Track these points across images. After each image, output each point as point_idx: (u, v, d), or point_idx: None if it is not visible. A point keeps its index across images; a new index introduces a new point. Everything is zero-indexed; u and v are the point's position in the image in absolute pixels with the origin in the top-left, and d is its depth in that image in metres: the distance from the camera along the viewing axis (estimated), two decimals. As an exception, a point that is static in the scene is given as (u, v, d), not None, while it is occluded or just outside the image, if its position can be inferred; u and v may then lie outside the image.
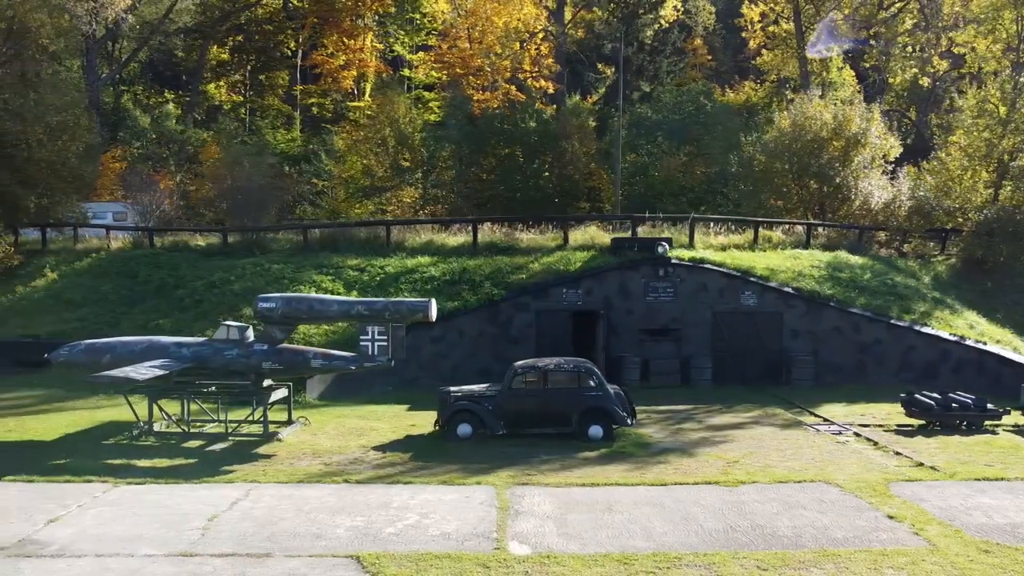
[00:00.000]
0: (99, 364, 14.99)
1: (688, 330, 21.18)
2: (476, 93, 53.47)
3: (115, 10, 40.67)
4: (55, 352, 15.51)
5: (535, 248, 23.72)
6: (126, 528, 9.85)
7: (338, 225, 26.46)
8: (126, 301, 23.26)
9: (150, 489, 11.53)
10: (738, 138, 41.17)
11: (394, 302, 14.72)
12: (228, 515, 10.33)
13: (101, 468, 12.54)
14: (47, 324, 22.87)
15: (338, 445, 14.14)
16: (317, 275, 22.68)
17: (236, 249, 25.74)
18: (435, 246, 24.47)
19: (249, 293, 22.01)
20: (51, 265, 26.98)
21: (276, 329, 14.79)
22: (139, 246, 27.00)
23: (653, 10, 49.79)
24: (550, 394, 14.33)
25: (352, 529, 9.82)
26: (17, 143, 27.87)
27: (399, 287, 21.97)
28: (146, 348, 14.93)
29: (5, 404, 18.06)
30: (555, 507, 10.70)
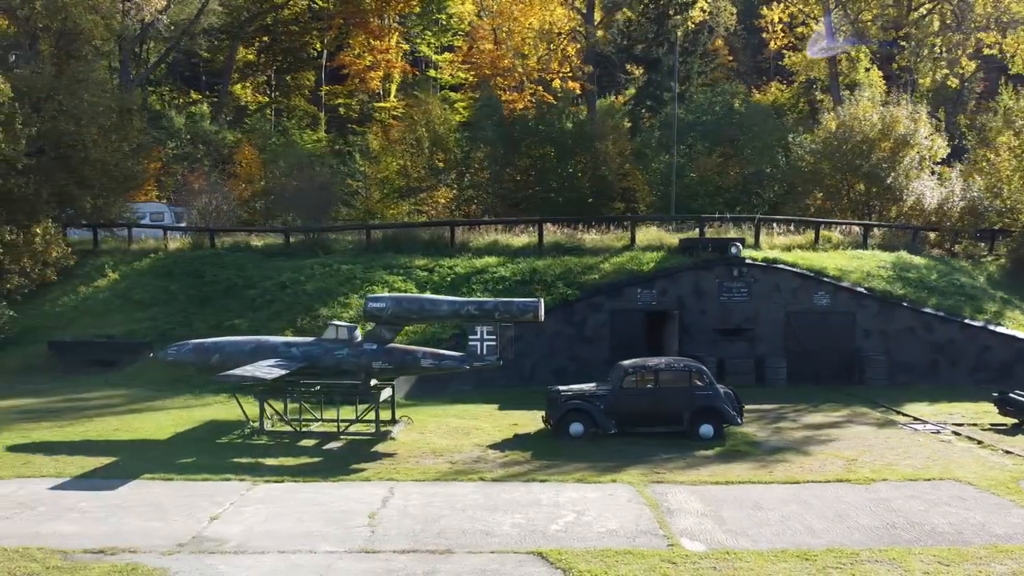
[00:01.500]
0: (208, 363, 15.10)
1: (761, 330, 21.31)
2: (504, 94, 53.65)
3: (150, 10, 40.78)
4: (163, 351, 15.60)
5: (601, 248, 23.83)
6: (292, 525, 9.94)
7: (401, 226, 26.54)
8: (195, 301, 23.34)
9: (292, 487, 11.61)
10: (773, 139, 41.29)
11: (504, 302, 14.82)
12: (386, 512, 10.43)
13: (231, 467, 12.63)
14: (118, 324, 22.96)
15: (453, 444, 14.23)
16: (388, 275, 22.78)
17: (297, 250, 25.84)
18: (500, 246, 24.57)
19: (322, 293, 22.17)
20: (110, 265, 27.08)
21: (385, 329, 14.88)
22: (199, 246, 27.08)
23: (684, 11, 49.94)
24: (661, 393, 14.45)
25: (517, 526, 9.92)
26: (73, 144, 27.95)
27: (471, 287, 22.07)
28: (255, 348, 15.02)
29: (95, 403, 18.14)
30: (704, 505, 10.81)
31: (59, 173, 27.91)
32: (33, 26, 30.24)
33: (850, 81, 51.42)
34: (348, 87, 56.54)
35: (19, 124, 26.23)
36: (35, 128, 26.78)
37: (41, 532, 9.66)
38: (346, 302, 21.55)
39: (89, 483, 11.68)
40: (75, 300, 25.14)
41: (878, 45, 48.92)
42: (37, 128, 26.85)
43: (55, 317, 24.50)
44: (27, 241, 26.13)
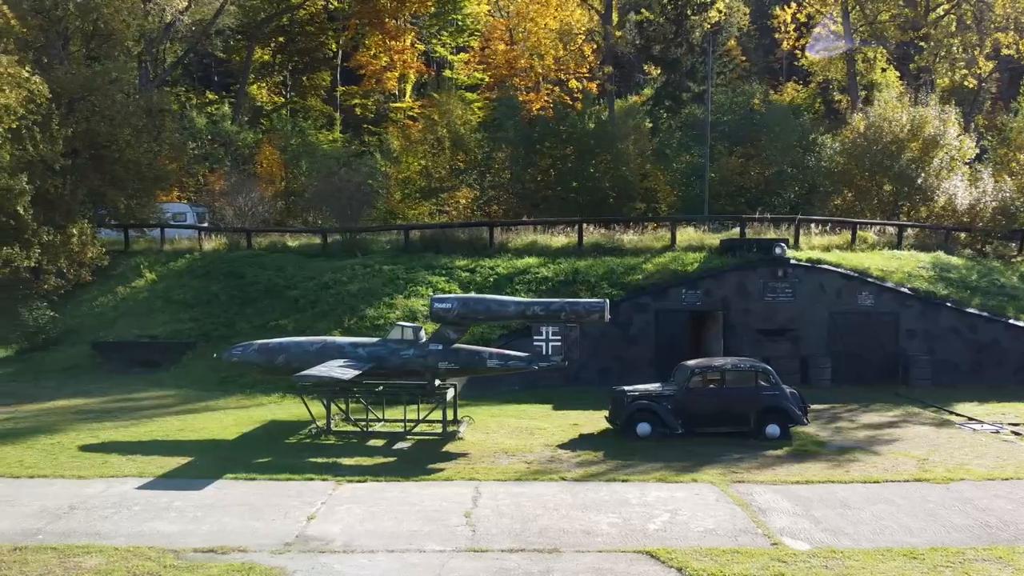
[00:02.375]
0: (274, 364, 15.16)
1: (805, 330, 21.37)
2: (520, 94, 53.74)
3: (172, 11, 40.87)
4: (227, 352, 15.65)
5: (642, 249, 23.91)
6: (392, 525, 10.00)
7: (439, 226, 26.60)
8: (237, 301, 23.39)
9: (378, 487, 11.67)
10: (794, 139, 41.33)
11: (570, 303, 14.88)
12: (480, 512, 10.49)
13: (309, 467, 12.69)
14: (160, 324, 23.01)
15: (522, 444, 14.29)
16: (430, 276, 22.84)
17: (335, 250, 25.89)
18: (539, 247, 24.64)
19: (366, 294, 22.23)
20: (145, 265, 27.14)
21: (450, 329, 14.94)
22: (235, 247, 27.13)
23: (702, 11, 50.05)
24: (728, 394, 14.52)
25: (614, 525, 9.99)
26: (107, 144, 28.01)
27: (514, 287, 22.14)
28: (321, 348, 15.07)
29: (148, 404, 18.19)
30: (792, 504, 10.89)
31: (93, 174, 27.99)
32: (65, 27, 30.27)
33: (867, 81, 51.54)
34: (364, 87, 56.61)
35: (55, 125, 26.32)
36: (71, 129, 26.85)
37: (144, 531, 9.72)
38: (391, 303, 21.61)
39: (175, 483, 11.73)
40: (114, 300, 25.20)
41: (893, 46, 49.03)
42: (72, 129, 26.91)
43: (95, 317, 24.57)
44: (64, 242, 26.20)
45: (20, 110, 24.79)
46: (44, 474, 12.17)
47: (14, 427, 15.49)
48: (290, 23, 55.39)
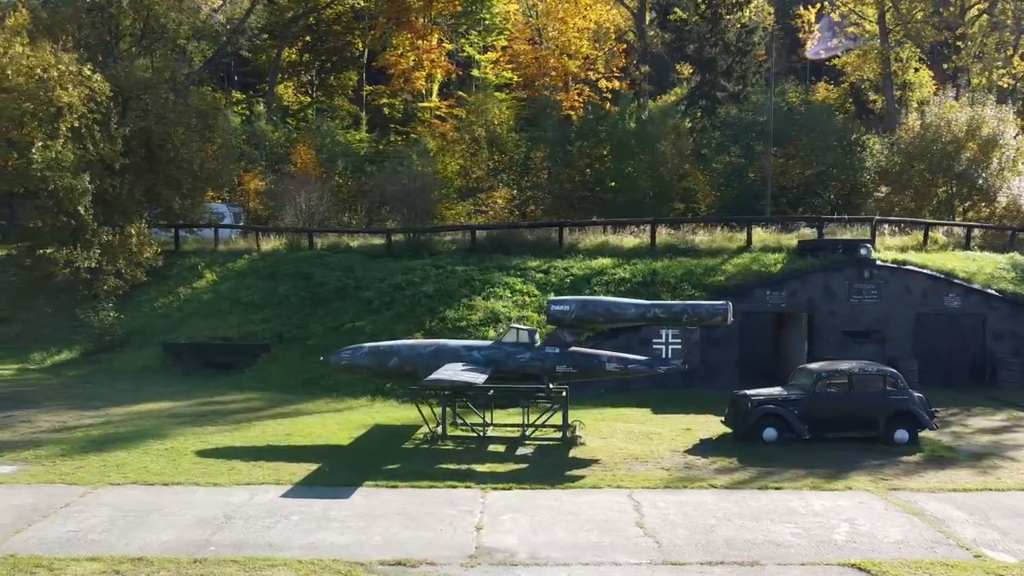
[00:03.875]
0: (385, 367, 14.83)
1: (891, 332, 21.05)
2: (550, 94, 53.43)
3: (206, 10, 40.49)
4: (335, 355, 15.28)
5: (717, 249, 23.58)
6: (567, 535, 9.66)
7: (506, 226, 26.20)
8: (307, 303, 23.04)
9: (527, 495, 11.32)
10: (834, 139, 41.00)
11: (692, 305, 14.57)
12: (650, 521, 10.15)
13: (444, 473, 12.34)
14: (231, 326, 22.68)
15: (646, 449, 13.96)
16: (505, 277, 22.50)
17: (400, 251, 25.55)
18: (610, 247, 24.30)
19: (443, 295, 21.89)
20: (203, 265, 26.82)
21: (567, 332, 14.61)
22: (296, 247, 26.77)
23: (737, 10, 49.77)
24: (856, 398, 14.20)
25: (798, 536, 9.66)
26: (162, 143, 27.67)
27: (592, 288, 21.79)
28: (435, 351, 14.74)
29: (237, 407, 17.85)
30: (965, 513, 10.57)
31: (147, 173, 27.66)
32: (116, 24, 29.93)
33: (901, 81, 51.28)
34: (392, 87, 56.27)
35: (114, 124, 25.99)
36: (128, 128, 26.51)
37: (316, 542, 9.37)
38: (470, 304, 21.27)
39: (317, 491, 11.38)
40: (177, 301, 24.88)
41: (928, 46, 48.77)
42: (129, 128, 26.58)
43: (160, 319, 24.24)
44: (122, 242, 25.86)
45: (82, 108, 24.46)
46: (178, 481, 11.81)
47: (116, 431, 15.13)
48: (317, 22, 55.08)
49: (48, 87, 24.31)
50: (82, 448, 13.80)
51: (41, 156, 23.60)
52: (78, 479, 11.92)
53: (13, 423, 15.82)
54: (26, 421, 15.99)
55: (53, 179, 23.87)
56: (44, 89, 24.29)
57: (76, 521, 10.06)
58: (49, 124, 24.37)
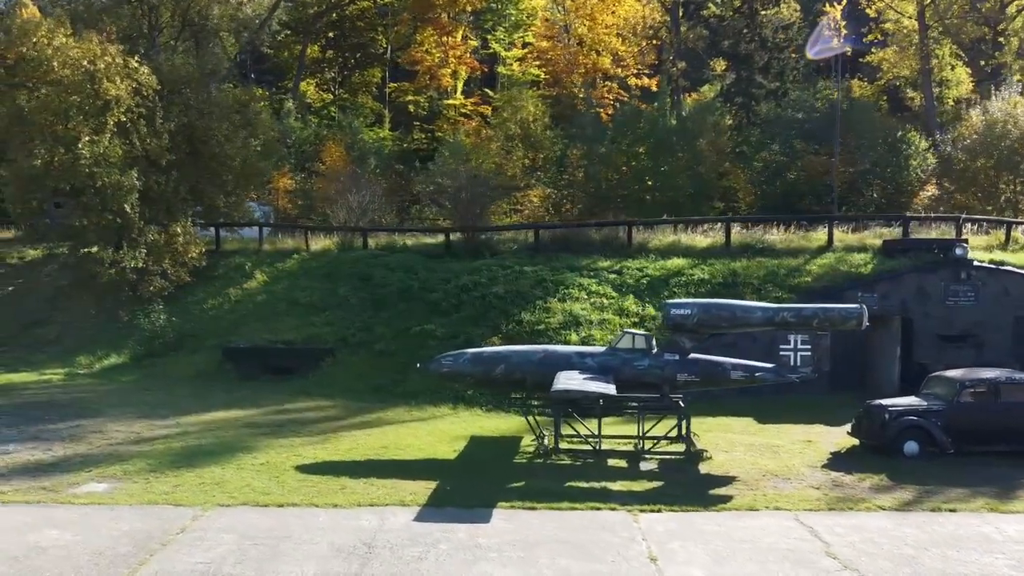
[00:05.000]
0: (491, 375, 13.80)
1: (988, 335, 20.04)
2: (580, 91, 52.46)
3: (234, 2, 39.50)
4: (434, 362, 14.23)
5: (796, 249, 22.58)
6: (757, 568, 8.66)
7: (572, 225, 25.13)
8: (369, 305, 22.02)
9: (684, 519, 10.31)
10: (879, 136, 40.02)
11: (824, 308, 13.55)
12: (842, 551, 9.14)
13: (577, 493, 11.34)
14: (291, 329, 21.66)
15: (781, 465, 12.94)
16: (578, 278, 21.49)
17: (458, 250, 24.54)
18: (682, 247, 23.29)
19: (516, 297, 20.88)
20: (250, 265, 25.82)
21: (686, 338, 13.59)
22: (348, 247, 25.74)
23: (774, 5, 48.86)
24: (1005, 408, 13.19)
25: (1017, 569, 8.65)
26: (205, 139, 26.65)
27: (671, 290, 20.80)
28: (543, 358, 13.73)
29: (314, 416, 16.83)
30: None
31: (191, 170, 26.64)
32: (157, 16, 28.87)
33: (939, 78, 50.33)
34: (417, 84, 55.32)
35: (160, 119, 24.99)
36: (173, 123, 25.51)
37: (488, 575, 8.36)
38: (546, 306, 20.25)
39: (450, 514, 10.35)
40: (227, 303, 23.87)
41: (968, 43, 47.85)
42: (174, 123, 25.57)
43: (212, 321, 23.22)
44: (167, 241, 24.84)
45: (129, 101, 23.44)
46: (292, 502, 10.79)
47: (199, 443, 14.11)
48: (340, 19, 54.14)
49: (95, 80, 23.30)
50: (171, 463, 12.78)
51: (89, 151, 22.58)
52: (182, 499, 10.90)
53: (83, 434, 14.80)
54: (97, 432, 14.96)
55: (101, 175, 22.84)
56: (91, 82, 23.28)
57: (201, 551, 9.03)
58: (96, 118, 23.36)
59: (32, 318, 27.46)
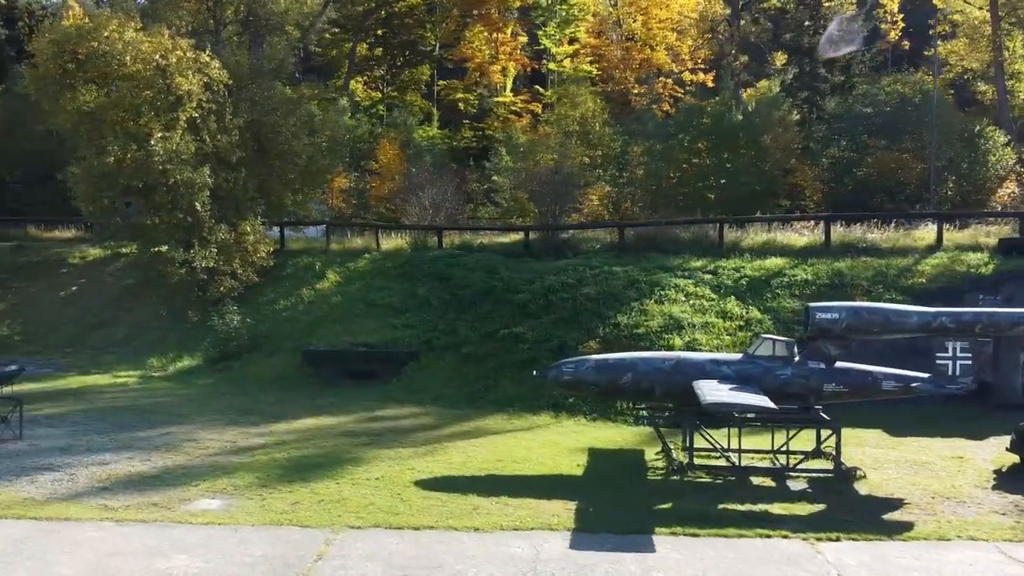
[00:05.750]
0: (618, 384, 12.75)
1: (1122, 342, 18.55)
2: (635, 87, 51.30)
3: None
4: (555, 370, 13.20)
5: (902, 248, 21.26)
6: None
7: (663, 223, 23.97)
8: (451, 306, 21.11)
9: (870, 551, 9.17)
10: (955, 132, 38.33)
11: (990, 313, 12.33)
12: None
13: (731, 516, 10.27)
14: (371, 331, 20.82)
15: (946, 486, 11.72)
16: (672, 278, 20.38)
17: (538, 249, 23.56)
18: (778, 246, 22.07)
19: (609, 299, 19.83)
20: (319, 265, 25.09)
21: (832, 344, 12.44)
22: (422, 246, 24.88)
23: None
24: None
25: None
26: (272, 136, 25.95)
27: (773, 291, 19.62)
28: (675, 366, 12.66)
29: (409, 425, 15.93)
30: None
31: (259, 168, 25.96)
32: (221, 11, 28.25)
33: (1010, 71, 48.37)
34: (467, 81, 54.56)
35: (229, 115, 24.33)
36: (242, 119, 24.83)
37: (679, 620, 7.32)
38: (643, 308, 19.16)
39: (607, 540, 9.34)
40: (300, 304, 23.11)
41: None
42: (243, 119, 24.89)
43: (286, 322, 22.49)
44: (237, 240, 24.15)
45: (201, 96, 22.77)
46: (428, 524, 9.85)
47: (302, 454, 13.26)
48: (388, 16, 53.52)
49: (166, 74, 22.68)
50: (280, 477, 11.92)
51: (162, 148, 21.95)
52: (306, 520, 10.00)
53: (177, 442, 14.03)
54: (190, 440, 14.19)
55: (173, 173, 22.21)
56: (162, 77, 22.66)
57: (349, 582, 8.12)
58: (167, 114, 22.74)
59: (98, 319, 27.04)
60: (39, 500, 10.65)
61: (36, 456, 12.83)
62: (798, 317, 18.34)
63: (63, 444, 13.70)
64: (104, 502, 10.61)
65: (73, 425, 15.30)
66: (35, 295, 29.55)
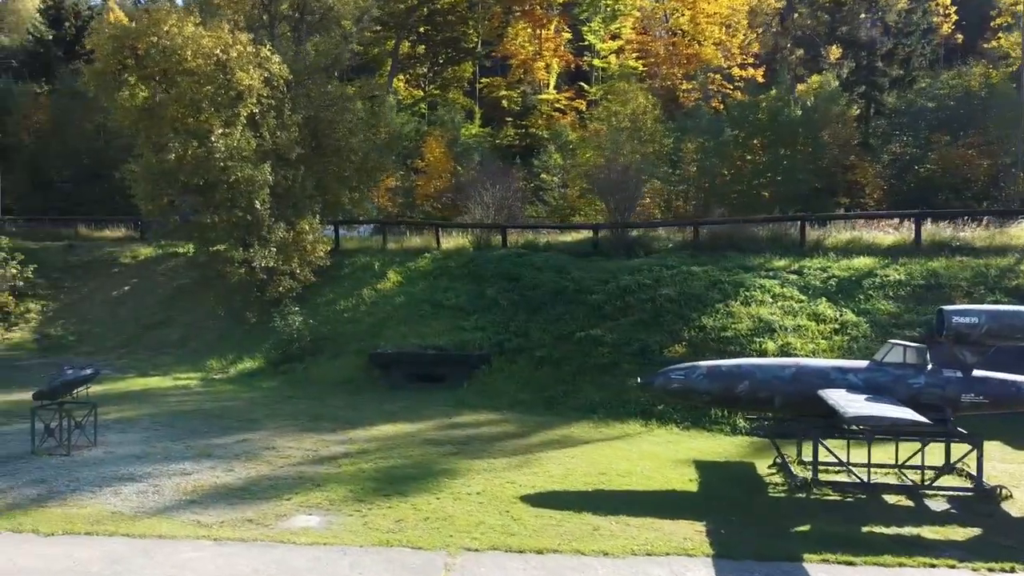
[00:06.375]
0: (733, 393, 11.82)
1: None
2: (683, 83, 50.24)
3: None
4: (662, 377, 12.28)
5: (1001, 247, 20.01)
6: None
7: (740, 221, 22.91)
8: (521, 307, 20.31)
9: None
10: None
11: None
12: None
13: (879, 541, 9.29)
14: (438, 333, 20.07)
15: (1105, 507, 10.67)
16: (756, 278, 19.36)
17: (607, 248, 22.67)
18: (863, 244, 20.95)
19: (691, 300, 18.87)
20: (379, 264, 24.45)
21: (968, 351, 11.40)
22: (484, 245, 24.12)
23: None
24: None
25: None
26: (330, 132, 25.35)
27: (865, 292, 18.53)
28: (795, 374, 11.70)
29: (490, 432, 15.11)
30: None
31: (317, 165, 25.38)
32: (276, 7, 27.70)
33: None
34: (511, 78, 53.81)
35: (288, 110, 23.73)
36: (300, 115, 24.24)
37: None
38: (729, 311, 18.18)
39: (756, 568, 8.44)
40: (362, 304, 22.52)
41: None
42: (301, 115, 24.30)
43: (348, 323, 21.86)
44: (295, 239, 23.56)
45: (263, 92, 22.20)
46: (552, 548, 9.00)
47: (389, 464, 12.50)
48: (431, 13, 52.96)
49: (227, 70, 22.14)
50: (373, 490, 11.16)
51: (223, 144, 21.41)
52: (417, 541, 9.20)
53: (256, 450, 13.35)
54: (269, 448, 13.50)
55: (234, 170, 21.66)
56: (223, 72, 22.13)
57: (485, 616, 7.30)
58: (227, 110, 22.20)
59: (152, 319, 26.70)
60: (128, 515, 9.99)
61: (114, 465, 12.21)
62: (896, 320, 17.32)
63: (138, 451, 13.09)
64: (196, 517, 9.92)
65: (144, 431, 14.72)
66: (88, 295, 29.31)
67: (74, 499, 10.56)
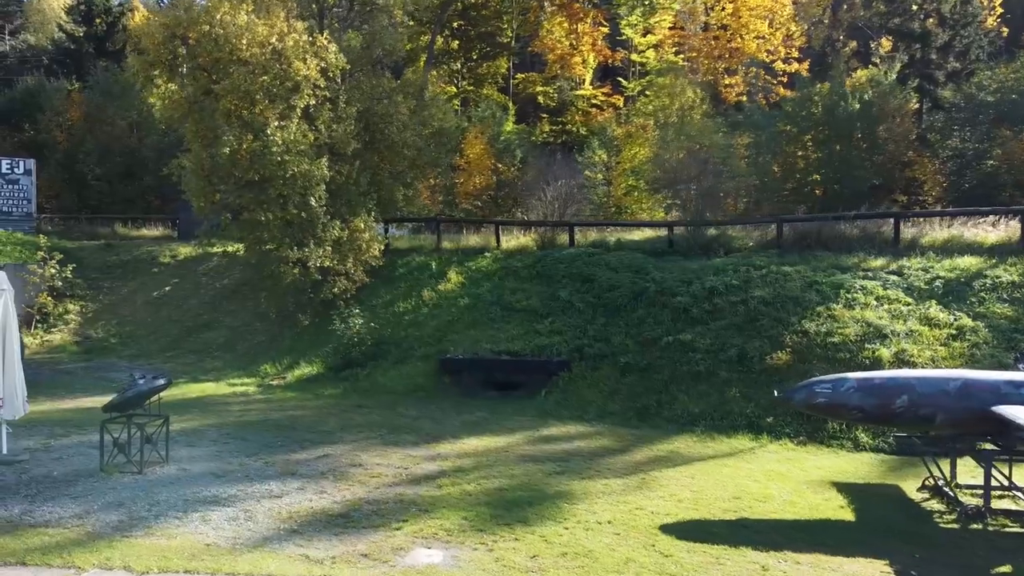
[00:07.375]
0: (890, 408, 10.48)
1: None
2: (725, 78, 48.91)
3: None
4: (804, 390, 10.94)
5: (1119, 246, 18.57)
6: None
7: (830, 218, 21.34)
8: (598, 310, 19.05)
9: None
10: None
11: None
12: None
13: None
14: (512, 338, 18.86)
15: None
16: (854, 279, 17.98)
17: (683, 247, 21.35)
18: (962, 243, 19.49)
19: (785, 302, 17.53)
20: (436, 264, 23.26)
21: None
22: (549, 244, 22.87)
23: (954, -23, 44.11)
24: None
25: None
26: (384, 126, 24.16)
27: (977, 295, 17.11)
28: (962, 386, 10.37)
29: (586, 447, 13.86)
30: None
31: (371, 159, 24.19)
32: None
33: None
34: (547, 73, 52.64)
35: (343, 103, 22.59)
36: (355, 108, 23.07)
37: None
38: (831, 314, 16.80)
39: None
40: (424, 307, 21.28)
41: None
42: (356, 108, 23.13)
43: (410, 327, 20.69)
44: (350, 237, 22.39)
45: (321, 82, 21.04)
46: (726, 593, 7.74)
47: (496, 486, 11.27)
48: (465, 8, 51.86)
49: (282, 59, 21.01)
50: (490, 517, 9.95)
51: (281, 138, 20.29)
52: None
53: (341, 467, 12.18)
54: (355, 465, 12.32)
55: (291, 164, 20.53)
56: (278, 62, 21.00)
57: None
58: (283, 101, 21.07)
59: (196, 321, 25.70)
60: (225, 548, 8.82)
61: (193, 485, 11.07)
62: (1015, 325, 15.92)
63: (215, 469, 11.94)
64: (303, 551, 8.73)
65: (213, 444, 13.59)
66: (128, 296, 28.37)
67: (159, 527, 9.42)
